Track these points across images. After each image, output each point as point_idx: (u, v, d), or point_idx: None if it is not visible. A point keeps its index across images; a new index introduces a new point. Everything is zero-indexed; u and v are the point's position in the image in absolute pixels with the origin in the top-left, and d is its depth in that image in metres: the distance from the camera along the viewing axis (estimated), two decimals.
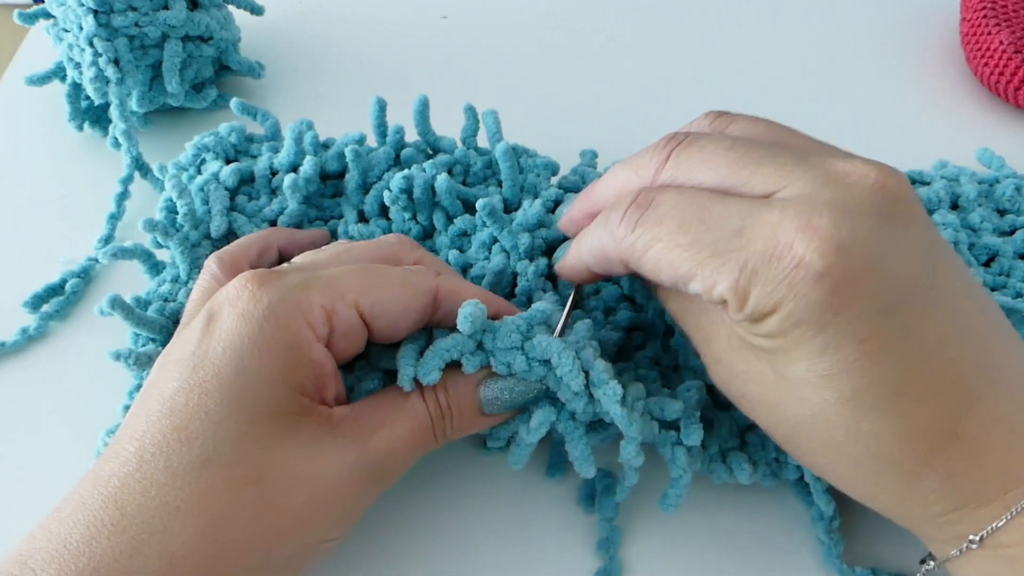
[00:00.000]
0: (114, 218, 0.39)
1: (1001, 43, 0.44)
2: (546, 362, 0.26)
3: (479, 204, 0.32)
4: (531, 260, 0.32)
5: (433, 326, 0.28)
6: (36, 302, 0.36)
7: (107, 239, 0.38)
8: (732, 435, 0.29)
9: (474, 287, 0.29)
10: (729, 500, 0.30)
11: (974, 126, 0.45)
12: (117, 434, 0.24)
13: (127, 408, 0.31)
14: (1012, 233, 0.37)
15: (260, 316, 0.24)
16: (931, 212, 0.37)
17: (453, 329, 0.27)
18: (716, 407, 0.30)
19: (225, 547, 0.23)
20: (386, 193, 0.34)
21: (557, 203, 0.35)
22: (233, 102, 0.37)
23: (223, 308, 0.25)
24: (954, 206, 0.38)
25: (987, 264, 0.36)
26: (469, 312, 0.25)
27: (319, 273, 0.26)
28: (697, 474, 0.29)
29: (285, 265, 0.29)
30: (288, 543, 0.24)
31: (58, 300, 0.36)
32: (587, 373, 0.26)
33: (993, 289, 0.35)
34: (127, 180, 0.40)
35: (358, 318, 0.26)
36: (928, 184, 0.39)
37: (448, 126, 0.37)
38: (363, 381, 0.28)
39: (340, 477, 0.24)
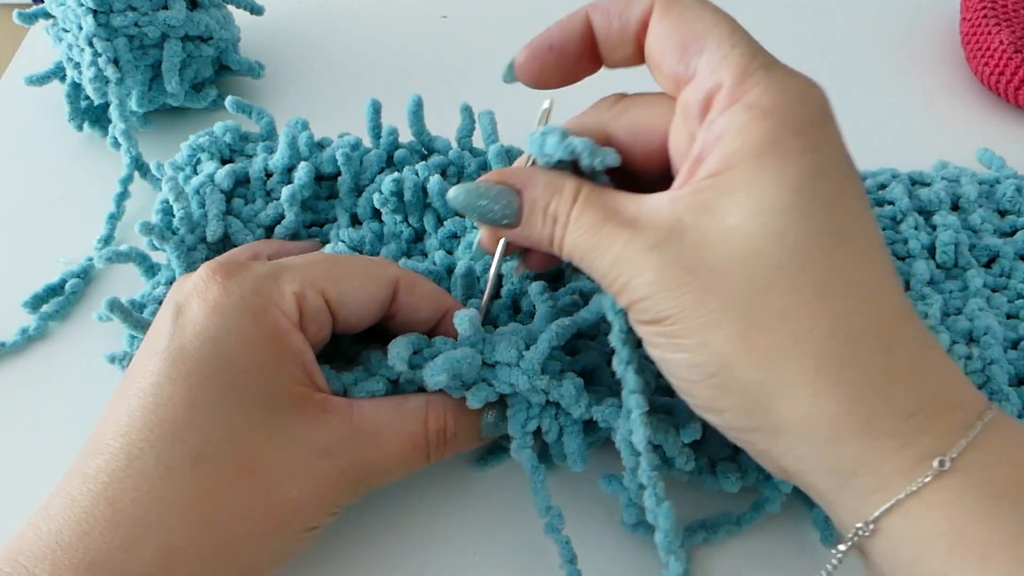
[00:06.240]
0: (114, 218, 0.39)
1: (1001, 43, 0.44)
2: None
3: None
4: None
5: (390, 317, 0.28)
6: (36, 302, 0.36)
7: (107, 239, 0.38)
8: (724, 445, 0.29)
9: (429, 282, 0.29)
10: (725, 500, 0.30)
11: (974, 126, 0.45)
12: (98, 429, 0.24)
13: None
14: (1013, 234, 0.37)
15: (235, 309, 0.24)
16: (932, 213, 0.37)
17: (439, 333, 0.28)
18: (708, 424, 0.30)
19: (224, 538, 0.23)
20: (376, 195, 0.34)
21: None
22: (228, 100, 0.37)
23: (190, 300, 0.25)
24: (955, 207, 0.38)
25: (988, 265, 0.36)
26: (466, 315, 0.27)
27: (285, 262, 0.26)
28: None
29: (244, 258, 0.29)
30: (283, 533, 0.24)
31: (58, 300, 0.36)
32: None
33: (994, 291, 0.35)
34: (127, 180, 0.40)
35: (324, 304, 0.26)
36: (929, 185, 0.39)
37: (449, 126, 0.37)
38: (365, 381, 0.28)
39: (329, 478, 0.25)
